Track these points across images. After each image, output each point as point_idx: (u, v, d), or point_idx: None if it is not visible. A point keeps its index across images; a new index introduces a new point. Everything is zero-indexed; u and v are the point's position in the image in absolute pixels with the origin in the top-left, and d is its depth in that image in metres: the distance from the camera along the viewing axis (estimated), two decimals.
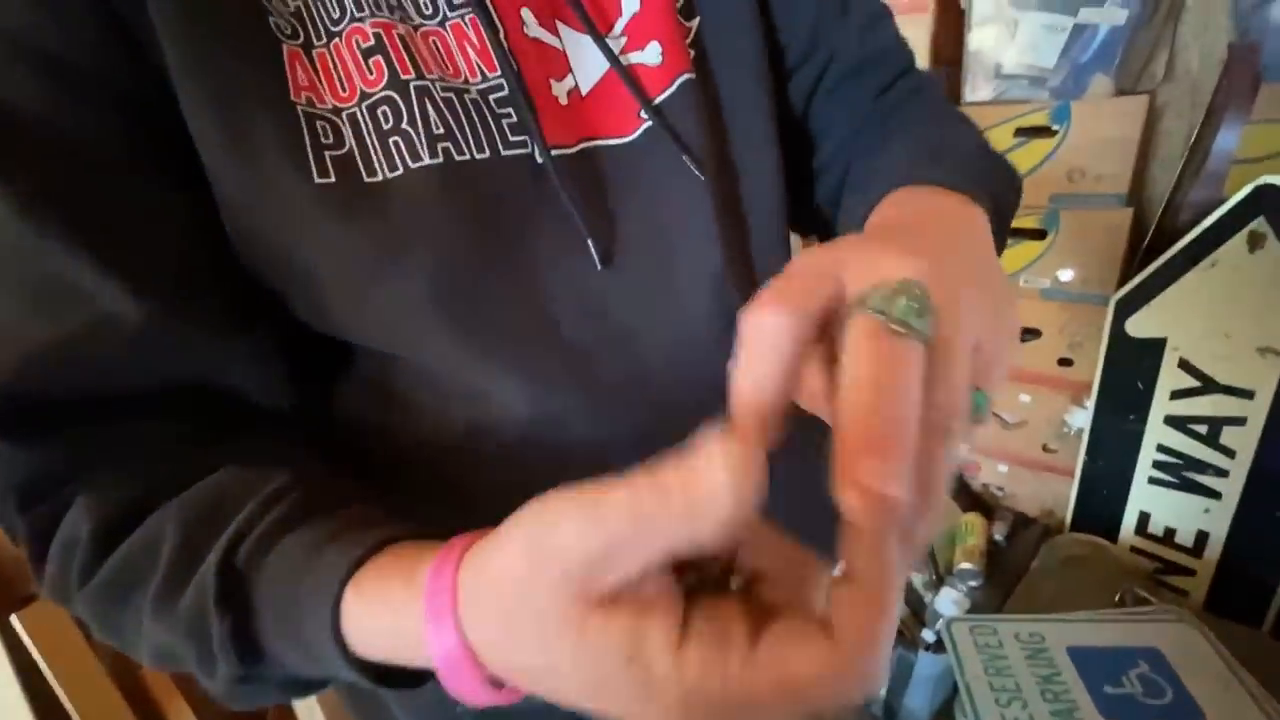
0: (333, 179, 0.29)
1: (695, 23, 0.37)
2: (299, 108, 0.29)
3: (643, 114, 0.35)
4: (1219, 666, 0.60)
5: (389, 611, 0.23)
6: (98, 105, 0.27)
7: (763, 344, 0.20)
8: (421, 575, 0.22)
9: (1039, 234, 0.81)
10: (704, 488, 0.17)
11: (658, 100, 0.35)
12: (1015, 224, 0.82)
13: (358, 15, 0.30)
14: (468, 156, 0.31)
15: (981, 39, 0.80)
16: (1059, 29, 0.75)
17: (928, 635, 0.78)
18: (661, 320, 0.35)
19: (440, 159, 0.30)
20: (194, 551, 0.27)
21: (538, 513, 0.19)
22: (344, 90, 0.30)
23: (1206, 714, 0.56)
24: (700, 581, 0.20)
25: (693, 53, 0.36)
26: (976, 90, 0.82)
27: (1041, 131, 0.78)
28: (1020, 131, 0.79)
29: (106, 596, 0.28)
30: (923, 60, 0.82)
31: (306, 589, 0.25)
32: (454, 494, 0.32)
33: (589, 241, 0.33)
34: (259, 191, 0.28)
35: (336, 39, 0.30)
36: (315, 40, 0.30)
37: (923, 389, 0.18)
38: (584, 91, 0.34)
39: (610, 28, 0.35)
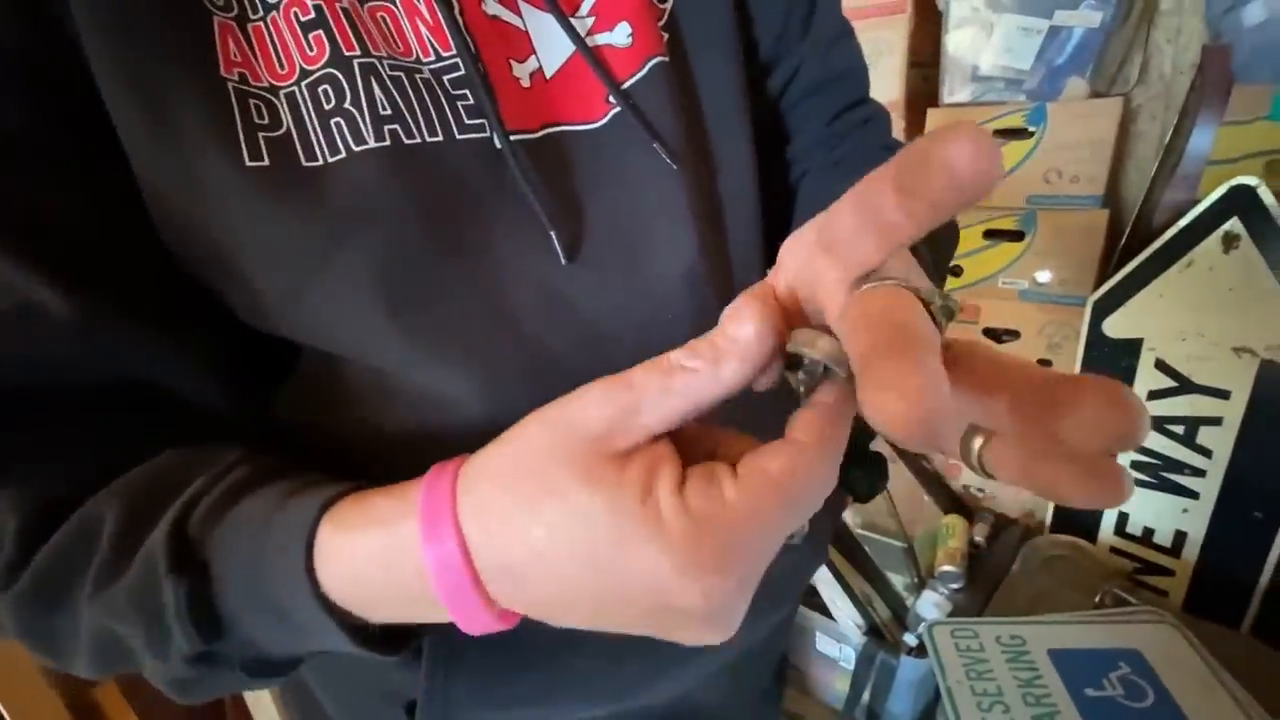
0: (266, 162, 0.26)
1: (669, 4, 0.35)
2: (230, 84, 0.26)
3: (611, 99, 0.33)
4: (1199, 668, 0.60)
5: (377, 529, 0.22)
6: (6, 84, 0.24)
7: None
8: (412, 491, 0.22)
9: (1017, 235, 0.81)
10: (732, 331, 0.20)
11: (627, 84, 0.33)
12: (993, 225, 0.82)
13: None
14: (418, 140, 0.29)
15: (959, 41, 0.80)
16: (1034, 31, 0.75)
17: (910, 639, 0.77)
18: (632, 319, 0.33)
19: (387, 142, 0.28)
20: (138, 528, 0.25)
21: (554, 402, 0.21)
22: (282, 68, 0.27)
23: (1188, 715, 0.56)
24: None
25: (666, 35, 0.34)
26: (954, 92, 0.82)
27: (1018, 133, 0.78)
28: (997, 133, 0.79)
29: (35, 595, 0.26)
30: (900, 62, 0.82)
31: (273, 537, 0.23)
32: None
33: (552, 234, 0.31)
34: (184, 176, 0.26)
35: (274, 12, 0.27)
36: (250, 13, 0.27)
37: None
38: (548, 74, 0.32)
39: (576, 8, 0.33)
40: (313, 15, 0.27)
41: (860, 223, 0.17)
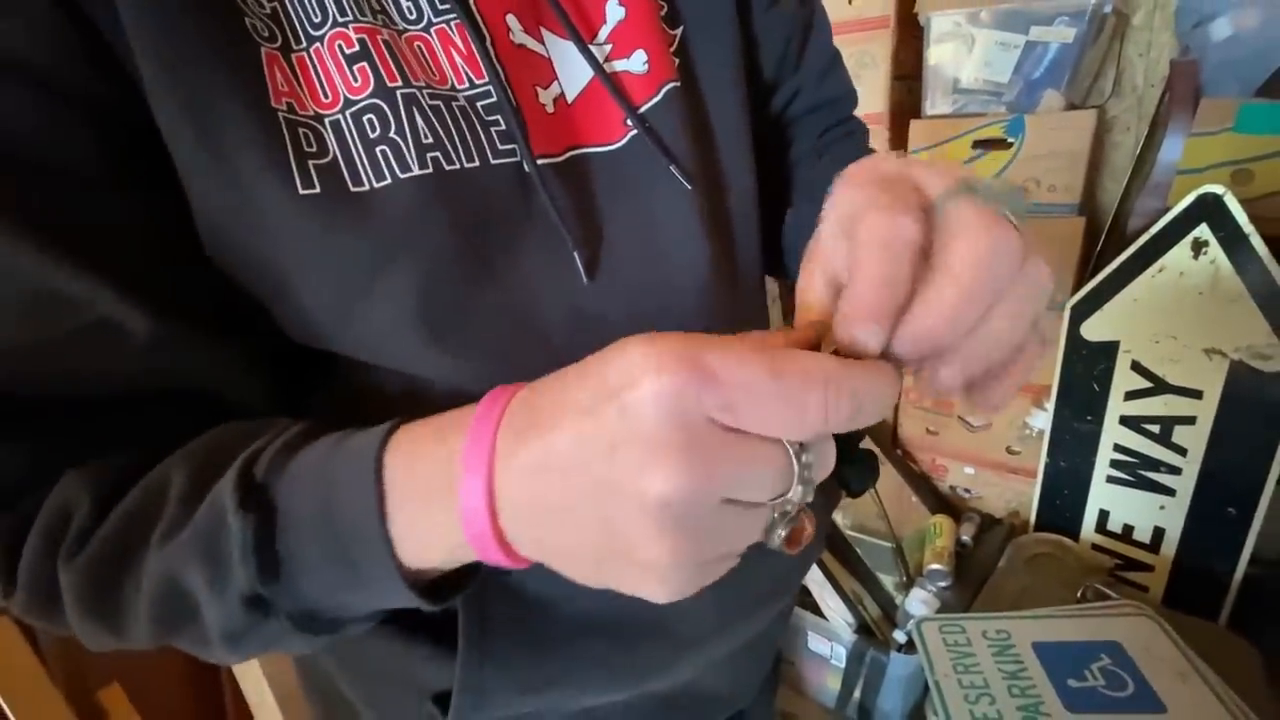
0: (318, 189, 0.28)
1: (679, 31, 0.37)
2: (280, 114, 0.27)
3: (628, 122, 0.35)
4: (1177, 658, 0.62)
5: (435, 440, 0.24)
6: (68, 114, 0.26)
7: (899, 246, 0.21)
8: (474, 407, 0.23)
9: None
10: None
11: (644, 108, 0.35)
12: None
13: (340, 19, 0.29)
14: (457, 166, 0.30)
15: (940, 54, 0.82)
16: (1012, 46, 0.78)
17: (899, 636, 0.79)
18: (652, 328, 0.35)
19: (430, 169, 0.29)
20: (204, 484, 0.26)
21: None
22: (326, 96, 0.29)
23: (1166, 704, 0.58)
24: None
25: (677, 61, 0.36)
26: (936, 104, 0.85)
27: (998, 144, 0.81)
28: (978, 144, 0.82)
29: (104, 556, 0.27)
30: (884, 74, 0.85)
31: (342, 459, 0.25)
32: None
33: (575, 255, 0.33)
34: (240, 204, 0.27)
35: (317, 43, 0.29)
36: (294, 43, 0.29)
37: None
38: (570, 99, 0.34)
39: (595, 35, 0.35)
40: (357, 48, 0.29)
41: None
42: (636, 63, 0.35)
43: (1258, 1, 0.70)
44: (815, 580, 0.83)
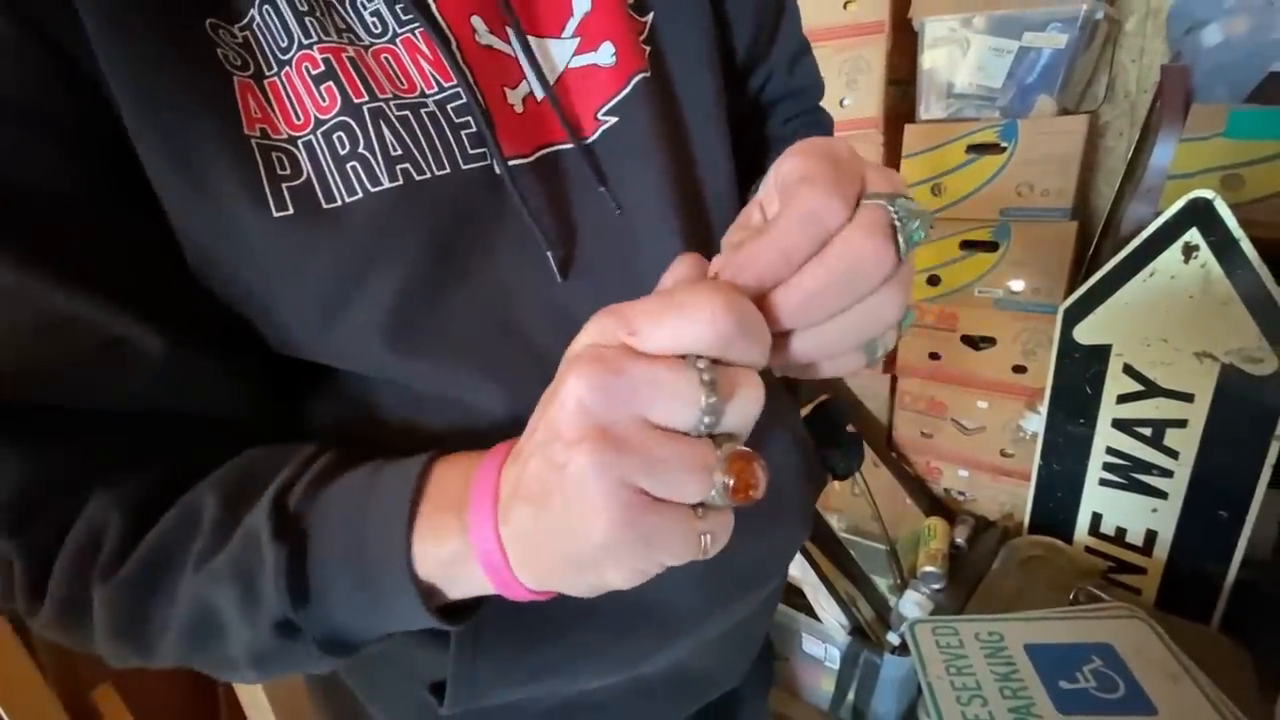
0: (291, 211, 0.28)
1: (649, 18, 0.37)
2: (253, 140, 0.28)
3: (599, 115, 0.35)
4: (1169, 661, 0.62)
5: (460, 481, 0.26)
6: (55, 142, 0.26)
7: (816, 226, 0.23)
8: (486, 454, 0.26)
9: (991, 246, 0.84)
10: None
11: (614, 101, 0.35)
12: (969, 236, 0.85)
13: (305, 42, 0.29)
14: (428, 175, 0.30)
15: (934, 59, 0.83)
16: (1005, 52, 0.78)
17: (893, 638, 0.79)
18: None
19: (400, 181, 0.30)
20: (237, 511, 0.27)
21: None
22: (298, 119, 0.29)
23: (1157, 706, 0.58)
24: None
25: (647, 49, 0.36)
26: (930, 109, 0.86)
27: (991, 148, 0.81)
28: (971, 148, 0.82)
29: (139, 579, 0.27)
30: (878, 79, 0.85)
31: (375, 503, 0.27)
32: None
33: (549, 255, 0.33)
34: (218, 229, 0.28)
35: (287, 67, 0.29)
36: (265, 70, 0.29)
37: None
38: (539, 97, 0.34)
39: (562, 28, 0.35)
40: (322, 69, 0.29)
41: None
42: (604, 55, 0.35)
43: (1248, 8, 0.70)
44: (809, 582, 0.83)
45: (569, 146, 0.35)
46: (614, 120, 0.35)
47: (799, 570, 0.84)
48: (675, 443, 0.22)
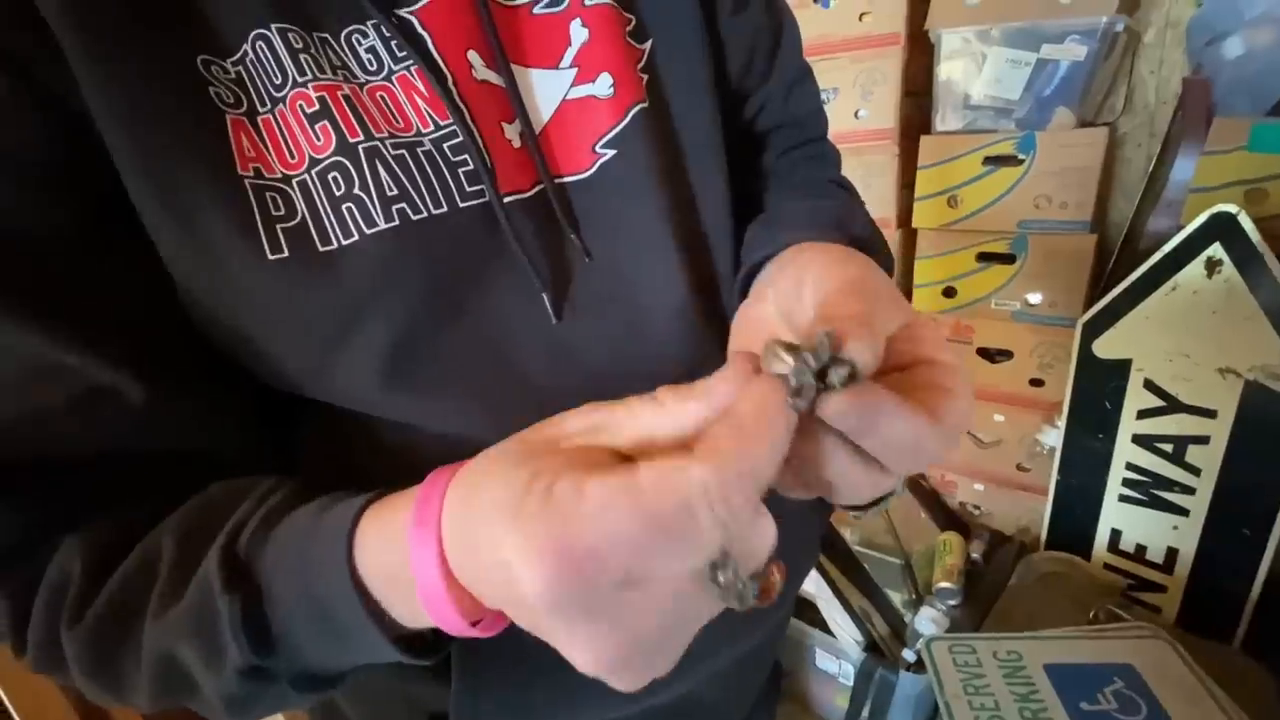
0: (286, 253, 0.28)
1: (647, 45, 0.36)
2: (246, 180, 0.28)
3: (597, 148, 0.34)
4: (1192, 682, 0.61)
5: (400, 528, 0.23)
6: (42, 188, 0.26)
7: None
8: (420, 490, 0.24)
9: (1008, 258, 0.83)
10: (712, 381, 0.21)
11: (612, 133, 0.34)
12: (986, 249, 0.85)
13: (299, 80, 0.28)
14: (424, 214, 0.30)
15: (950, 71, 0.83)
16: (1022, 64, 0.78)
17: (908, 655, 0.78)
18: (631, 362, 0.35)
19: (396, 221, 0.29)
20: (193, 556, 0.27)
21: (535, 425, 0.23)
22: (293, 157, 0.29)
23: None
24: None
25: (645, 77, 0.35)
26: (946, 120, 0.85)
27: (1008, 160, 0.81)
28: (988, 160, 0.82)
29: (101, 629, 0.27)
30: (894, 90, 0.85)
31: (317, 542, 0.25)
32: None
33: (544, 297, 0.33)
34: (209, 271, 0.28)
35: (281, 105, 0.29)
36: (259, 107, 0.29)
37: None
38: (536, 131, 0.34)
39: (559, 60, 0.34)
40: (317, 107, 0.29)
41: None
42: (602, 86, 0.34)
43: (1270, 20, 0.70)
44: (823, 597, 0.83)
45: (569, 179, 0.34)
46: (612, 153, 0.34)
47: (812, 585, 0.84)
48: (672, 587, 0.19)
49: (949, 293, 0.89)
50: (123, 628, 0.27)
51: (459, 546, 0.22)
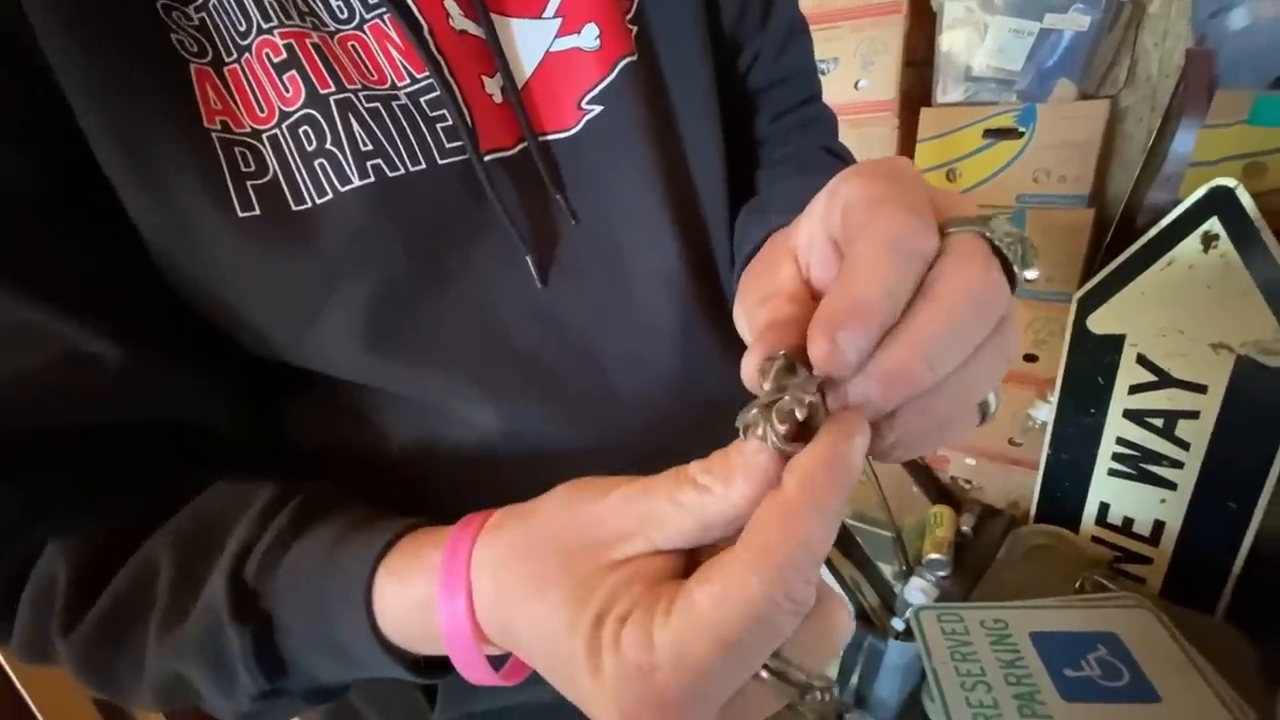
0: (257, 211, 0.26)
1: None
2: (214, 134, 0.26)
3: (583, 104, 0.32)
4: (1173, 650, 0.63)
5: (421, 579, 0.23)
6: (7, 144, 0.25)
7: (907, 253, 0.18)
8: (446, 536, 0.23)
9: None
10: (748, 450, 0.18)
11: (598, 88, 0.32)
12: None
13: (264, 26, 0.27)
14: (402, 171, 0.28)
15: (952, 41, 0.81)
16: (1025, 33, 0.77)
17: (897, 624, 0.79)
18: (618, 326, 0.34)
19: (372, 178, 0.28)
20: (194, 575, 0.26)
21: (587, 488, 0.21)
22: (261, 111, 0.27)
23: (1161, 695, 0.58)
24: None
25: (634, 29, 0.34)
26: (947, 92, 0.84)
27: (1009, 133, 0.80)
28: (989, 133, 0.81)
29: (98, 639, 0.26)
30: (895, 61, 0.84)
31: (334, 586, 0.25)
32: (422, 508, 0.30)
33: (528, 259, 0.31)
34: (179, 231, 0.26)
35: (246, 54, 0.27)
36: (225, 56, 0.27)
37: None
38: (519, 85, 0.32)
39: (542, 9, 0.32)
40: (284, 55, 0.27)
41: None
42: (588, 38, 0.32)
43: None
44: None
45: (553, 136, 0.32)
46: (599, 110, 0.33)
47: None
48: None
49: None
50: (121, 641, 0.26)
51: (497, 632, 0.21)
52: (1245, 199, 0.61)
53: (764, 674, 0.18)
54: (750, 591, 0.16)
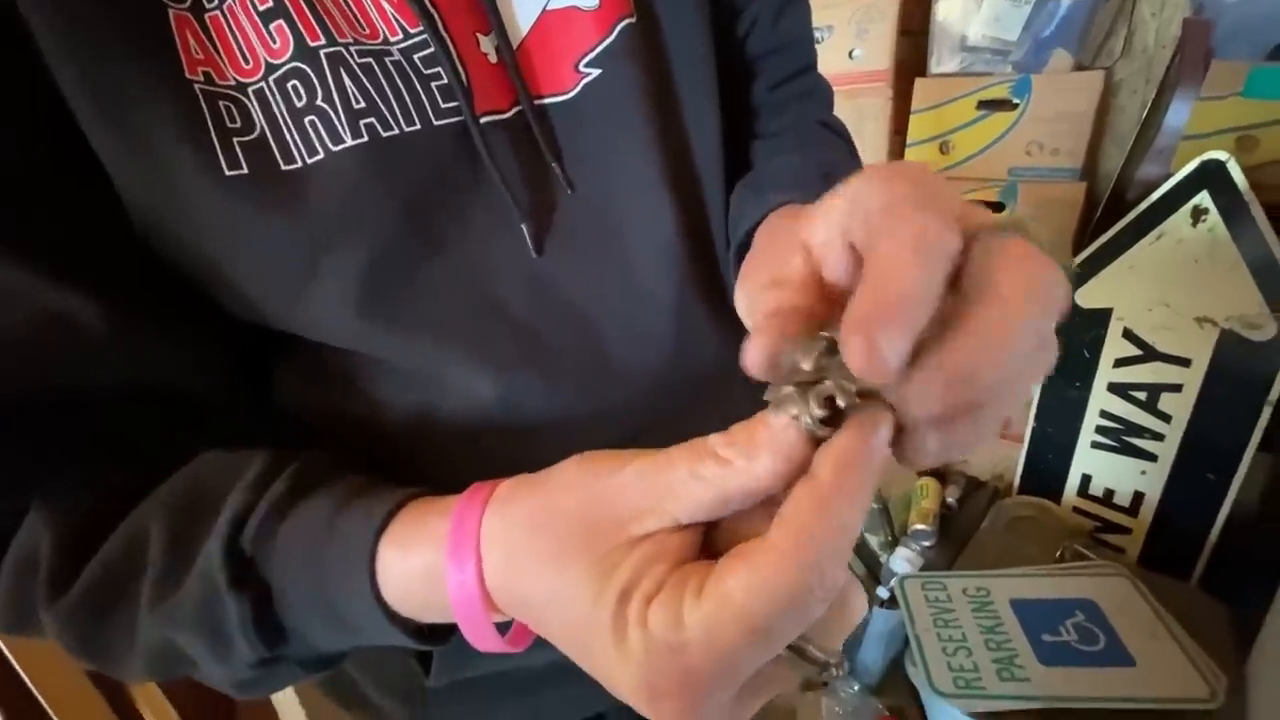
0: (245, 170, 0.25)
1: None
2: (196, 86, 0.25)
3: (581, 67, 0.31)
4: (1149, 616, 0.64)
5: (429, 544, 0.23)
6: None
7: (936, 253, 0.17)
8: (453, 504, 0.23)
9: (998, 206, 0.83)
10: (774, 421, 0.18)
11: (596, 51, 0.31)
12: (975, 196, 0.84)
13: None
14: (396, 131, 0.27)
15: (948, 10, 0.80)
16: (1023, 2, 0.75)
17: (882, 592, 0.81)
18: (614, 295, 0.34)
19: (365, 138, 0.27)
20: (186, 543, 0.26)
21: (600, 461, 0.21)
22: (247, 62, 0.26)
23: (1135, 659, 0.60)
24: None
25: None
26: (942, 62, 0.83)
27: (1003, 104, 0.79)
28: (982, 104, 0.80)
29: (87, 607, 0.26)
30: (890, 29, 0.82)
31: (334, 555, 0.24)
32: (416, 478, 0.30)
33: (524, 227, 0.31)
34: (163, 191, 0.25)
35: (230, 0, 0.25)
36: (206, 2, 0.25)
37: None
38: (514, 45, 0.31)
39: None
40: (271, 4, 0.25)
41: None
42: None
43: None
44: None
45: (550, 100, 0.32)
46: (597, 73, 0.32)
47: None
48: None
49: None
50: (111, 611, 0.26)
51: (507, 601, 0.21)
52: (1236, 173, 0.61)
53: (784, 652, 0.18)
54: (789, 578, 0.17)
